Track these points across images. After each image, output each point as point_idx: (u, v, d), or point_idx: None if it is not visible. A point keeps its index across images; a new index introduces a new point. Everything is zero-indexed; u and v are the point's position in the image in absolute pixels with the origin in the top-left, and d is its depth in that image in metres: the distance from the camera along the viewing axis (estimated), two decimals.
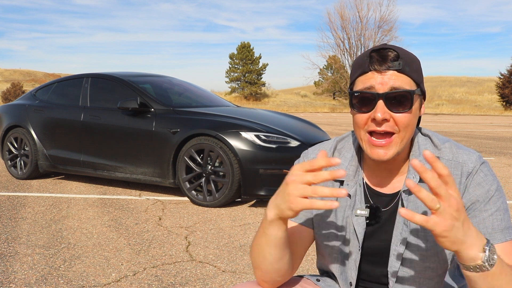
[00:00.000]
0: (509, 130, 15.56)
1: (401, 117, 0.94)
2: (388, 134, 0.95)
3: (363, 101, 0.96)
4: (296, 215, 0.87)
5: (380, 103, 0.93)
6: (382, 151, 0.95)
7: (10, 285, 2.41)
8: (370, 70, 0.95)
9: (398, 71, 0.94)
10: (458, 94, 50.61)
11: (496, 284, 0.81)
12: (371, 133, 0.97)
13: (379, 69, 0.94)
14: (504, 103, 38.49)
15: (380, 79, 0.94)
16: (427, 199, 0.74)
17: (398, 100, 0.94)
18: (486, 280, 0.80)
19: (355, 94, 0.97)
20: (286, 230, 0.93)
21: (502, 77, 38.85)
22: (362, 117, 0.97)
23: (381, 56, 0.94)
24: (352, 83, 1.01)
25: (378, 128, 0.94)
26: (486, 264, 0.79)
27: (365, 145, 0.98)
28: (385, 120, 0.94)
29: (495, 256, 0.80)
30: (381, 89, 0.93)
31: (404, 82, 0.94)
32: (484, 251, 0.79)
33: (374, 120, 0.95)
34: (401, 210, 0.74)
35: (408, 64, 0.95)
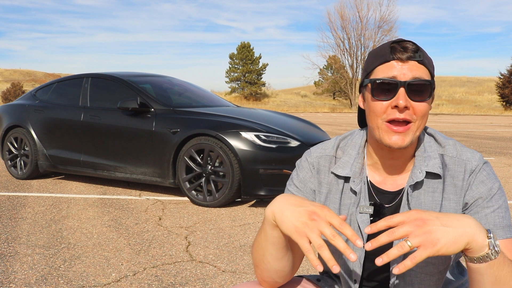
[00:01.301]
0: (509, 130, 15.56)
1: (420, 106, 0.96)
2: (406, 122, 0.97)
3: (383, 89, 0.97)
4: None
5: (402, 91, 0.95)
6: (400, 137, 0.97)
7: (10, 285, 2.41)
8: (393, 59, 0.97)
9: (419, 62, 0.96)
10: (458, 94, 50.66)
11: (499, 275, 0.83)
12: (390, 122, 0.98)
13: (401, 58, 0.96)
14: (504, 103, 38.53)
15: (401, 68, 0.96)
16: (402, 251, 0.79)
17: (418, 89, 0.96)
18: (492, 270, 0.82)
19: (377, 82, 0.98)
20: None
21: (502, 77, 38.90)
22: (381, 105, 0.98)
23: (403, 47, 0.96)
24: (370, 73, 1.01)
25: (399, 116, 0.96)
26: (493, 251, 0.81)
27: (381, 133, 0.98)
28: (406, 108, 0.96)
29: (498, 243, 0.82)
30: (403, 77, 0.95)
31: (423, 73, 0.97)
32: (489, 238, 0.81)
33: (395, 107, 0.96)
34: (366, 245, 0.80)
35: (426, 57, 0.98)
